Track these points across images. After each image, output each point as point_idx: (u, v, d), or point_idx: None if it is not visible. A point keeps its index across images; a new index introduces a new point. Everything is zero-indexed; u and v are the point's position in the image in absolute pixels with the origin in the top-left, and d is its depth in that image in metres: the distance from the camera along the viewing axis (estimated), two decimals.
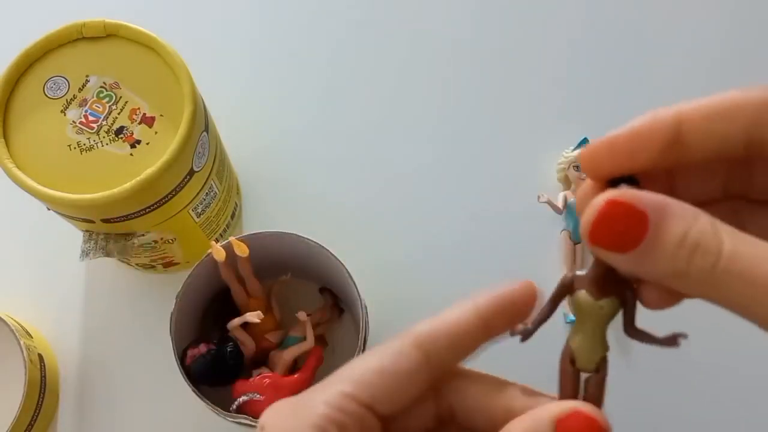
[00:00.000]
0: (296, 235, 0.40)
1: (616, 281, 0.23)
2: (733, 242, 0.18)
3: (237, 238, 0.39)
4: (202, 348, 0.40)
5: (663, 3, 0.58)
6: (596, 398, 0.24)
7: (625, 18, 0.58)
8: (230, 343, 0.41)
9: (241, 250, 0.39)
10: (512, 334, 0.24)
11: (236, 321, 0.41)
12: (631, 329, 0.24)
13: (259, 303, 0.42)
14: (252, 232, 0.40)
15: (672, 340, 0.24)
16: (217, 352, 0.40)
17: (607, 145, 0.21)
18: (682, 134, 0.20)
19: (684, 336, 0.24)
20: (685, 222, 0.18)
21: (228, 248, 0.39)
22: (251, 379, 0.40)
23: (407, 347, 0.21)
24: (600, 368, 0.24)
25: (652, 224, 0.18)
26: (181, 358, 0.39)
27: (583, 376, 0.24)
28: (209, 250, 0.39)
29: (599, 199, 0.19)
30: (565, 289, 0.24)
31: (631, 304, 0.23)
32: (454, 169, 0.53)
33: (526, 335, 0.24)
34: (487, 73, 0.56)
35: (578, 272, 0.23)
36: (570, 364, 0.24)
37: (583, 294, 0.23)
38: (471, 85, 0.55)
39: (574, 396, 0.24)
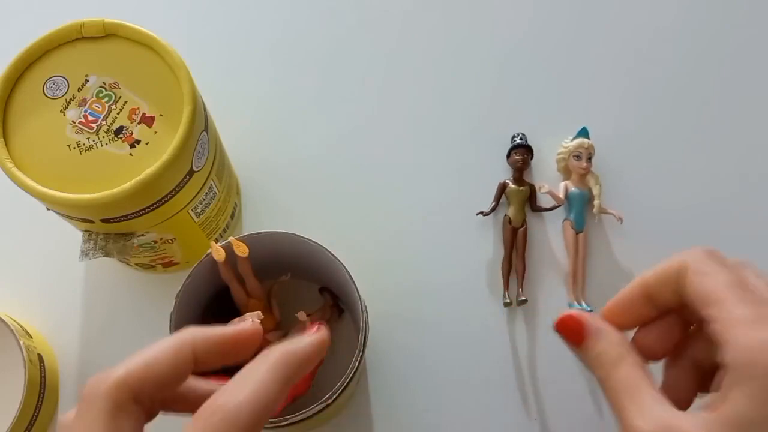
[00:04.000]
0: (296, 235, 0.40)
1: (525, 181, 0.51)
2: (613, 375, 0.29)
3: (237, 239, 0.39)
4: None
5: None
6: (523, 242, 0.50)
7: (621, 9, 0.58)
8: None
9: (241, 251, 0.39)
10: (477, 213, 0.51)
11: (236, 321, 0.40)
12: (534, 206, 0.51)
13: (258, 303, 0.42)
14: (252, 233, 0.40)
15: (554, 207, 0.51)
16: None
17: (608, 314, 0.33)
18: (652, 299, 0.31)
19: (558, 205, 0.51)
20: (600, 345, 0.30)
21: (228, 248, 0.39)
22: None
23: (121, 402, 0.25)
24: (524, 224, 0.50)
25: (585, 339, 0.31)
26: None
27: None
28: (209, 250, 0.39)
29: (567, 312, 0.31)
30: (501, 188, 0.51)
31: (534, 192, 0.51)
32: (454, 165, 0.53)
33: (486, 214, 0.51)
34: (486, 65, 0.56)
35: (507, 179, 0.51)
36: (508, 223, 0.50)
37: (511, 186, 0.51)
38: (470, 78, 0.56)
39: (511, 241, 0.50)
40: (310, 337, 0.28)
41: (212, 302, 0.44)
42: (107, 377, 0.25)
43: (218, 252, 0.39)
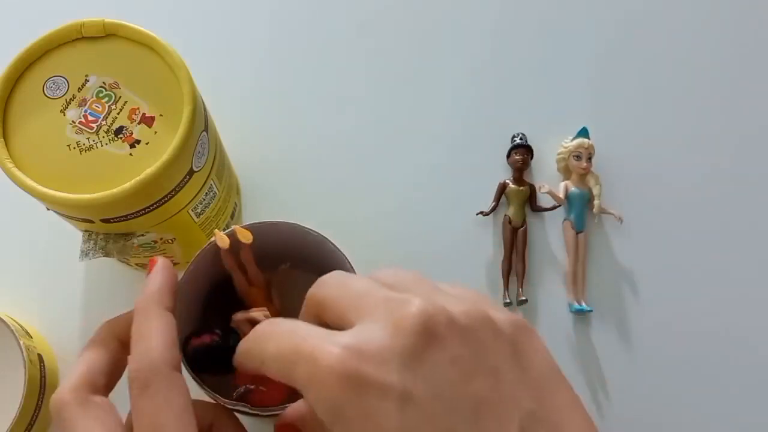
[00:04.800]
0: (299, 225, 0.40)
1: (525, 181, 0.51)
2: None
3: (241, 227, 0.39)
4: (206, 338, 0.40)
5: None
6: (523, 242, 0.50)
7: (622, 8, 0.58)
8: (233, 335, 0.41)
9: (245, 238, 0.39)
10: (477, 213, 0.51)
11: (241, 315, 0.40)
12: (534, 206, 0.51)
13: (259, 292, 0.42)
14: (255, 222, 0.40)
15: (554, 207, 0.51)
16: (221, 342, 0.40)
17: None
18: None
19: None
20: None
21: (231, 236, 0.39)
22: None
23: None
24: (524, 224, 0.50)
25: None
26: (183, 346, 0.39)
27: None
28: (212, 238, 0.39)
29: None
30: (501, 188, 0.51)
31: (534, 192, 0.51)
32: (454, 165, 0.53)
33: (486, 214, 0.51)
34: (486, 64, 0.56)
35: (507, 179, 0.52)
36: (508, 223, 0.50)
37: (511, 186, 0.51)
38: (470, 78, 0.56)
39: (511, 241, 0.50)
40: (154, 272, 0.34)
41: (213, 293, 0.44)
42: (63, 389, 0.30)
43: (222, 239, 0.39)
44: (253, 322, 0.41)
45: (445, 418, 0.22)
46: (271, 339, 0.27)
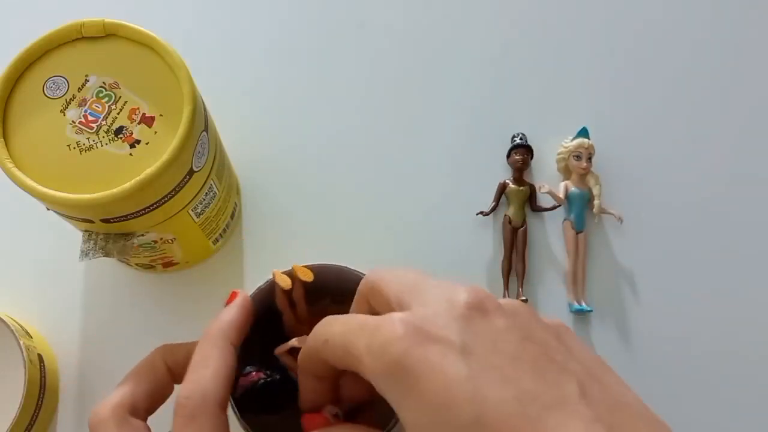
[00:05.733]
0: (348, 268, 0.39)
1: (525, 181, 0.51)
2: None
3: (301, 266, 0.39)
4: (253, 376, 0.38)
5: None
6: (523, 242, 0.50)
7: (622, 8, 0.58)
8: (278, 370, 0.39)
9: (306, 276, 0.38)
10: (477, 213, 0.51)
11: (283, 347, 0.39)
12: (534, 206, 0.51)
13: (305, 329, 0.41)
14: (314, 263, 0.39)
15: (554, 207, 0.51)
16: (270, 379, 0.38)
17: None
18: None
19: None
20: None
21: (288, 275, 0.38)
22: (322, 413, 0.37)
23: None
24: (524, 224, 0.51)
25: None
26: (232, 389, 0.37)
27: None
28: (270, 278, 0.38)
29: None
30: (501, 188, 0.51)
31: (534, 192, 0.51)
32: (454, 165, 0.53)
33: (486, 214, 0.51)
34: (486, 64, 0.56)
35: (507, 179, 0.52)
36: (508, 223, 0.50)
37: (511, 186, 0.51)
38: (469, 78, 0.56)
39: (511, 241, 0.50)
40: (232, 305, 0.34)
41: (253, 332, 0.43)
42: (105, 405, 0.31)
43: (284, 280, 0.38)
44: (294, 352, 0.39)
45: (509, 367, 0.23)
46: (338, 320, 0.28)
